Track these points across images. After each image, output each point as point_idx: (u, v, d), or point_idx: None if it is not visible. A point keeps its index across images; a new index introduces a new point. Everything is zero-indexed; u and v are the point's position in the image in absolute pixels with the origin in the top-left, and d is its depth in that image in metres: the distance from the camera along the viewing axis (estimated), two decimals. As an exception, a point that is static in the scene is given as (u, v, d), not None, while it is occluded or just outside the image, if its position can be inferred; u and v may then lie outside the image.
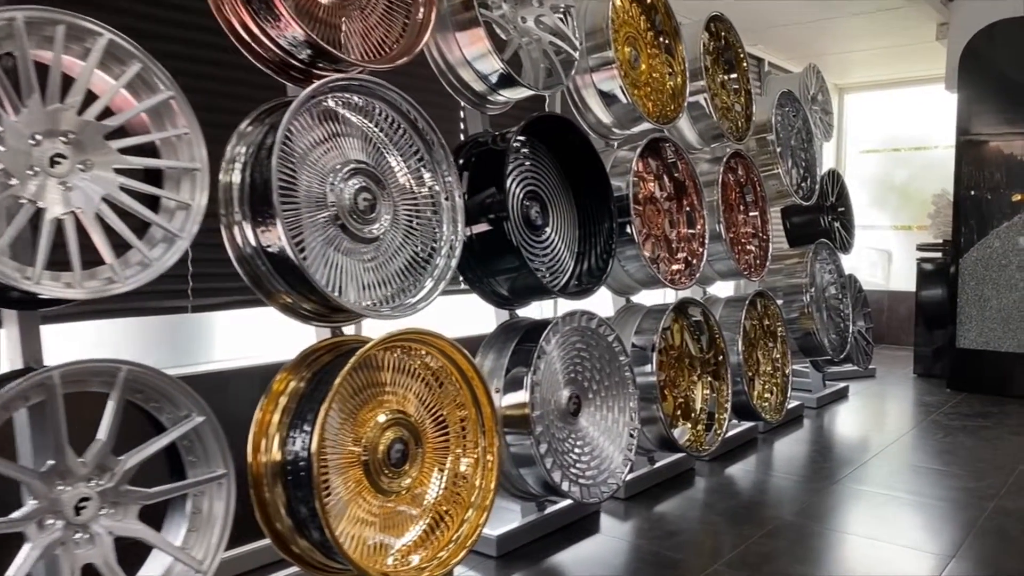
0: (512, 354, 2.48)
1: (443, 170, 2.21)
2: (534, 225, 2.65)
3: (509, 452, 2.42)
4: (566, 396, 2.57)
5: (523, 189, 2.63)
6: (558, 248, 2.74)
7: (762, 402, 3.77)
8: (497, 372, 2.47)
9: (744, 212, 3.86)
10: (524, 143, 2.70)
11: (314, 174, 1.95)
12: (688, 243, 3.37)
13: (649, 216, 3.15)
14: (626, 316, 3.14)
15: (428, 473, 2.12)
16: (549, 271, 2.70)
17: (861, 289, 5.12)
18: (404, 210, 2.16)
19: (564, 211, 2.80)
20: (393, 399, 2.05)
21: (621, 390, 2.75)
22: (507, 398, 2.41)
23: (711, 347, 3.36)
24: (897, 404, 4.89)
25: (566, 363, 2.59)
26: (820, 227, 4.70)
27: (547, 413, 2.47)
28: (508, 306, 2.69)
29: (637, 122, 3.17)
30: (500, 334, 2.61)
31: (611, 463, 2.66)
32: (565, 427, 2.56)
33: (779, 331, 3.89)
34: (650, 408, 2.91)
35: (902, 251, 7.07)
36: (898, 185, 7.26)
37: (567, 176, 2.85)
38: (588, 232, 2.88)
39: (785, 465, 3.51)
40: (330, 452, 1.86)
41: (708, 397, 3.33)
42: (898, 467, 3.43)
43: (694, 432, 3.22)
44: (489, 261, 2.49)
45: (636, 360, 2.95)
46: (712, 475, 3.35)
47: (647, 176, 3.21)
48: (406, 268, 2.17)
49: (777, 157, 3.94)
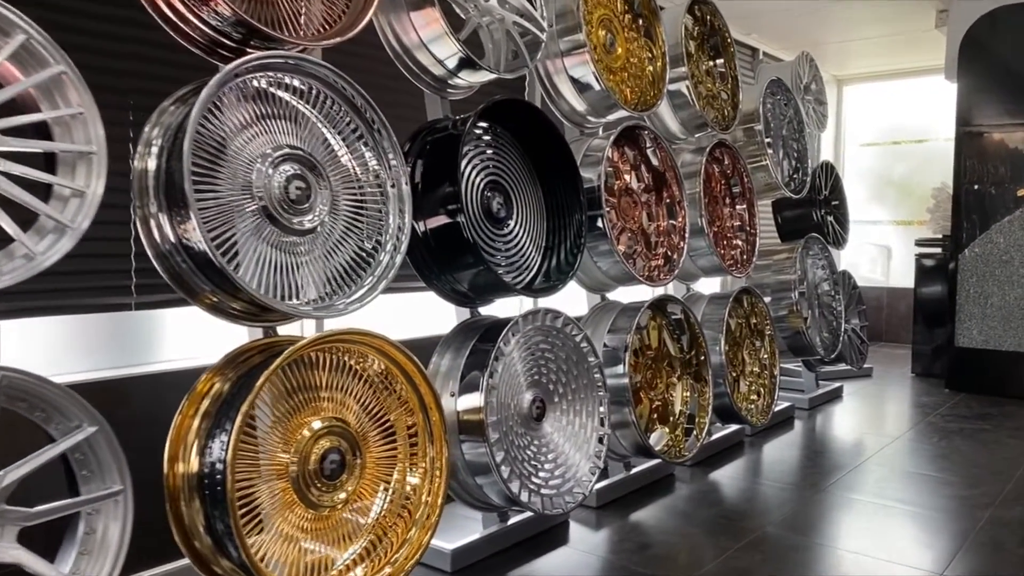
0: (469, 355, 2.31)
1: (388, 155, 2.05)
2: (496, 218, 2.48)
3: (465, 460, 2.26)
4: (528, 400, 2.41)
5: (484, 179, 2.46)
6: (523, 242, 2.57)
7: (748, 404, 3.60)
8: (452, 374, 2.31)
9: (730, 205, 3.69)
10: (487, 130, 2.53)
11: (239, 161, 1.78)
12: (668, 237, 3.20)
13: (625, 209, 2.98)
14: (600, 315, 2.98)
15: (370, 486, 1.95)
16: (512, 267, 2.53)
17: (856, 286, 4.94)
18: (345, 200, 2.00)
19: (531, 203, 2.63)
20: (329, 405, 1.89)
21: (590, 393, 2.58)
22: (463, 402, 2.25)
23: (692, 346, 3.19)
24: (893, 405, 4.71)
25: (529, 365, 2.43)
26: (812, 221, 4.52)
27: (506, 419, 2.30)
28: (469, 304, 2.53)
29: (612, 109, 3.00)
30: (458, 334, 2.45)
31: (577, 471, 2.50)
32: (527, 433, 2.39)
33: (767, 330, 3.72)
34: (623, 412, 2.75)
35: (902, 247, 6.88)
36: (898, 179, 7.08)
37: (536, 166, 2.69)
38: (558, 225, 2.71)
39: (772, 470, 3.34)
40: (252, 462, 1.70)
41: (688, 399, 3.16)
42: (890, 473, 3.25)
43: (673, 437, 3.06)
44: (445, 257, 2.33)
45: (608, 361, 2.79)
46: (693, 481, 3.18)
47: (623, 166, 3.04)
48: (350, 264, 2.01)
49: (765, 147, 3.76)
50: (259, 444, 1.73)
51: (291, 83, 1.91)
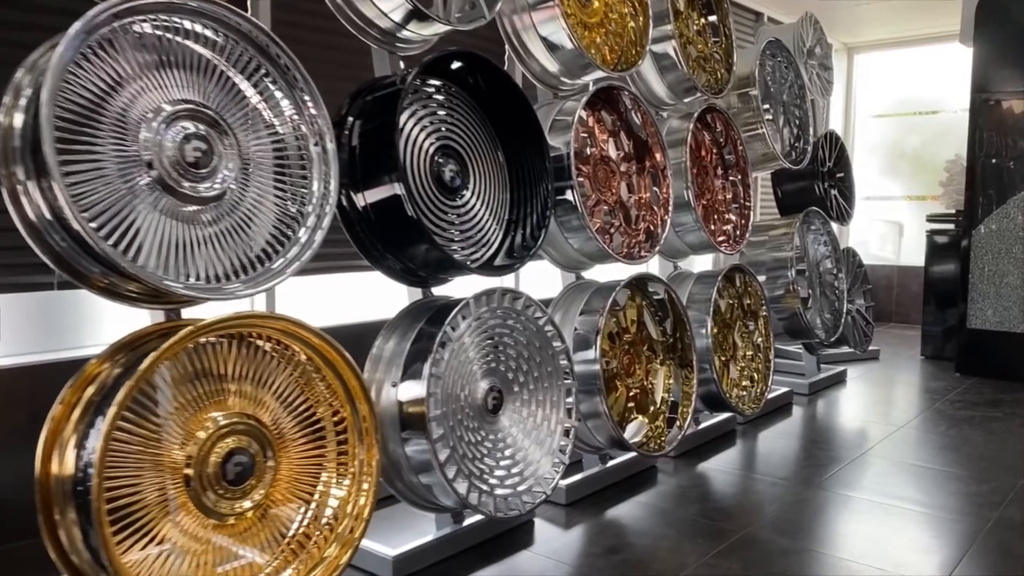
0: (415, 340, 2.07)
1: (309, 108, 1.80)
2: (449, 187, 2.23)
3: (408, 459, 2.02)
4: (483, 390, 2.17)
5: (435, 144, 2.21)
6: (480, 215, 2.32)
7: (740, 391, 3.35)
8: (396, 361, 2.07)
9: (723, 176, 3.42)
10: (440, 89, 2.28)
11: (124, 119, 1.54)
12: (650, 211, 2.93)
13: (601, 179, 2.72)
14: (573, 295, 2.73)
15: (286, 494, 1.72)
16: (469, 243, 2.28)
17: (861, 263, 4.66)
18: (259, 163, 1.75)
19: (491, 171, 2.38)
20: (238, 400, 1.65)
21: (555, 382, 2.34)
22: (405, 393, 2.01)
23: (676, 329, 2.94)
24: (899, 390, 4.45)
25: (484, 351, 2.18)
26: (815, 195, 4.24)
27: (454, 412, 2.06)
28: (421, 284, 2.29)
29: (588, 70, 2.73)
30: (405, 316, 2.21)
31: (538, 468, 2.26)
32: (481, 427, 2.16)
33: (761, 311, 3.46)
34: (594, 401, 2.50)
35: (915, 223, 6.57)
36: (911, 152, 6.75)
37: (499, 131, 2.43)
38: (523, 196, 2.46)
39: (764, 462, 3.10)
40: (135, 464, 1.47)
41: (671, 387, 2.92)
42: (892, 467, 3.00)
43: (653, 427, 2.81)
44: (388, 233, 2.08)
45: (579, 346, 2.54)
46: (678, 473, 2.94)
47: (600, 133, 2.77)
48: (270, 237, 1.77)
49: (761, 114, 3.48)
50: (147, 441, 1.50)
51: (193, 29, 1.66)
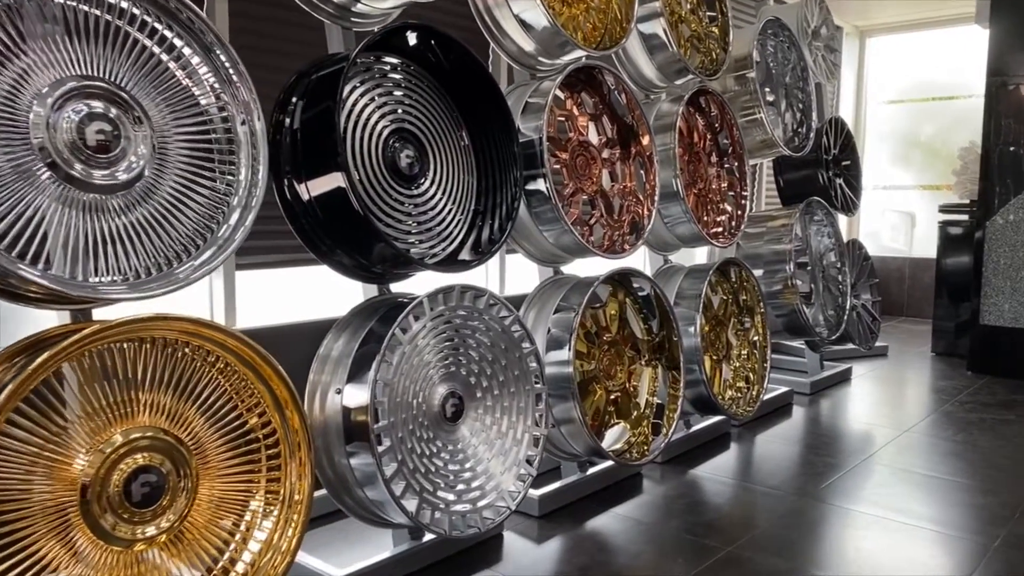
0: (363, 342, 1.90)
1: (235, 83, 1.62)
2: (406, 175, 2.05)
3: (353, 472, 1.85)
4: (440, 397, 1.99)
5: (390, 127, 2.02)
6: (441, 205, 2.13)
7: (734, 392, 3.16)
8: (342, 364, 1.89)
9: (717, 164, 3.21)
10: (398, 67, 2.09)
11: (11, 100, 1.37)
12: (635, 201, 2.74)
13: (580, 166, 2.53)
14: (550, 291, 2.54)
15: (207, 518, 1.55)
16: (428, 236, 2.10)
17: (867, 256, 4.44)
18: (179, 145, 1.57)
19: (455, 157, 2.19)
20: (147, 414, 1.48)
21: (522, 387, 2.16)
22: (350, 400, 1.84)
23: (663, 327, 2.75)
24: (907, 390, 4.23)
25: (442, 354, 2.00)
26: (819, 184, 4.02)
27: (405, 420, 1.88)
28: (377, 280, 2.11)
29: (566, 49, 2.53)
30: (357, 314, 2.03)
31: (502, 482, 2.08)
32: (437, 437, 1.98)
33: (758, 307, 3.26)
34: (567, 407, 2.32)
35: (928, 213, 6.32)
36: (925, 140, 6.49)
37: (465, 113, 2.24)
38: (492, 185, 2.27)
39: (758, 469, 2.90)
40: (21, 477, 1.30)
41: (657, 390, 2.73)
42: (895, 475, 2.80)
43: (635, 433, 2.63)
44: (335, 227, 1.90)
45: (552, 346, 2.36)
46: (665, 481, 2.76)
47: (580, 117, 2.58)
48: (193, 230, 1.59)
49: (759, 97, 3.26)
50: (38, 454, 1.33)
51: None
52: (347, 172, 1.77)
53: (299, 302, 2.88)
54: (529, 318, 2.47)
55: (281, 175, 1.90)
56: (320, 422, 1.89)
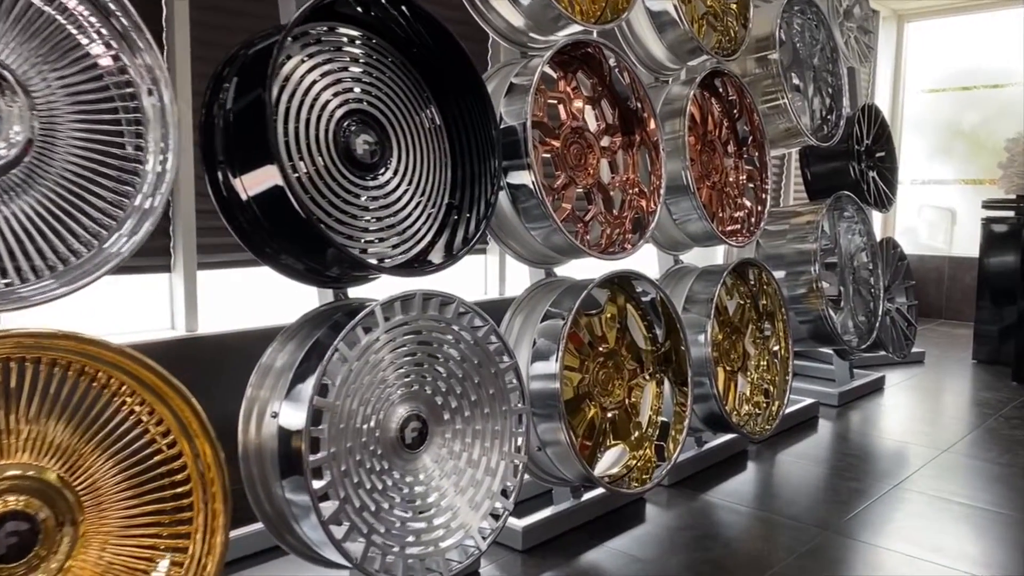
0: (306, 356, 1.64)
1: (138, 48, 1.36)
2: (363, 164, 1.78)
3: (291, 508, 1.59)
4: (399, 420, 1.72)
5: (345, 108, 1.76)
6: (406, 199, 1.86)
7: (752, 408, 2.85)
8: (283, 379, 1.64)
9: (735, 154, 2.91)
10: (356, 41, 1.82)
11: None
12: (638, 194, 2.45)
13: (574, 155, 2.24)
14: (539, 295, 2.26)
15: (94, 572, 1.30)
16: (390, 234, 1.83)
17: (903, 256, 4.08)
18: (70, 124, 1.32)
19: (424, 143, 1.92)
20: (24, 450, 1.23)
21: (498, 407, 1.89)
22: (287, 423, 1.58)
23: (669, 336, 2.46)
24: (946, 402, 3.88)
25: (402, 370, 1.73)
26: (850, 177, 3.68)
27: (353, 450, 1.62)
28: (335, 284, 1.85)
29: (560, 23, 2.25)
30: (307, 322, 1.77)
31: (473, 517, 1.81)
32: (394, 468, 1.71)
33: (780, 313, 2.95)
34: (555, 429, 2.05)
35: (969, 209, 5.93)
36: (968, 131, 6.08)
37: (438, 93, 1.97)
38: (470, 175, 2.00)
39: (776, 495, 2.61)
40: None
41: (661, 406, 2.44)
42: (930, 505, 2.48)
43: (636, 456, 2.34)
44: (277, 227, 1.65)
45: (538, 358, 2.08)
46: (671, 508, 2.47)
47: (575, 99, 2.29)
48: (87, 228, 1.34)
49: (781, 80, 2.95)
50: None
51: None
52: (282, 166, 1.51)
53: (279, 303, 2.63)
54: (515, 326, 2.20)
55: (215, 166, 1.65)
56: (255, 447, 1.64)
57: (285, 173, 1.51)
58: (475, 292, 3.34)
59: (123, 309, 2.37)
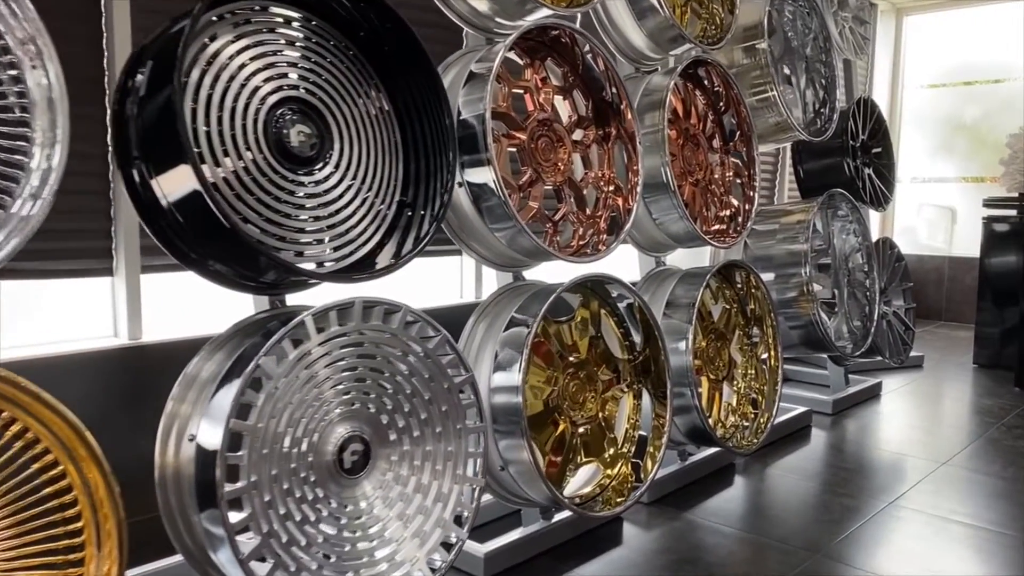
0: (229, 371, 1.47)
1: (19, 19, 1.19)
2: (300, 158, 1.61)
3: (211, 540, 1.42)
4: (337, 442, 1.55)
5: (278, 96, 1.59)
6: (349, 197, 1.69)
7: (738, 419, 2.68)
8: (205, 395, 1.47)
9: (721, 150, 2.74)
10: (293, 22, 1.65)
11: None
12: (613, 192, 2.28)
13: (542, 150, 2.07)
14: (506, 301, 2.09)
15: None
16: (332, 236, 1.66)
17: (900, 257, 3.91)
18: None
19: (372, 137, 1.75)
20: None
21: (451, 425, 1.72)
22: (204, 449, 1.41)
23: (647, 344, 2.29)
24: (945, 410, 3.71)
25: (341, 387, 1.56)
26: (845, 174, 3.51)
27: (279, 476, 1.45)
28: (270, 291, 1.68)
29: (527, 7, 2.08)
30: (238, 332, 1.60)
31: (421, 548, 1.64)
32: (330, 496, 1.54)
33: (768, 318, 2.78)
34: (518, 446, 1.88)
35: (970, 208, 5.76)
36: (968, 127, 5.91)
37: (389, 81, 1.80)
38: (424, 170, 1.83)
39: (764, 514, 2.44)
40: None
41: (638, 419, 2.27)
42: (928, 525, 2.32)
43: (609, 475, 2.17)
44: (197, 230, 1.48)
45: (500, 369, 1.91)
46: (650, 528, 2.30)
47: (543, 88, 2.12)
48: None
49: (771, 71, 2.77)
50: None
51: None
52: (196, 167, 1.34)
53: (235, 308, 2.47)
54: (477, 334, 2.03)
55: (130, 163, 1.48)
56: (173, 472, 1.47)
57: (200, 175, 1.34)
58: (450, 295, 3.17)
59: (68, 315, 2.21)
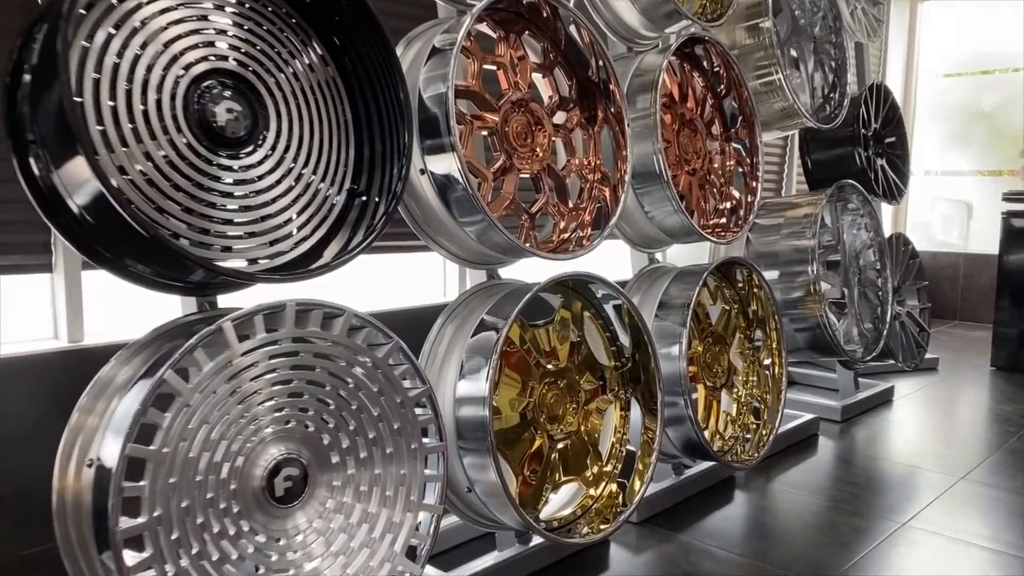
0: (137, 384, 1.26)
1: None
2: (228, 140, 1.41)
3: (112, 584, 1.22)
4: (265, 467, 1.34)
5: (203, 67, 1.38)
6: (287, 184, 1.48)
7: (737, 431, 2.47)
8: (110, 412, 1.26)
9: (722, 137, 2.52)
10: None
11: None
12: (600, 181, 2.06)
13: (517, 134, 1.86)
14: (477, 302, 1.88)
15: None
16: (265, 228, 1.46)
17: (915, 254, 3.68)
18: None
19: (315, 117, 1.54)
20: None
21: (404, 444, 1.51)
22: (104, 476, 1.21)
23: (636, 349, 2.08)
24: (961, 417, 3.49)
25: (272, 403, 1.36)
26: (856, 165, 3.28)
27: (191, 509, 1.24)
28: (197, 292, 1.48)
29: (501, -26, 1.86)
30: (155, 339, 1.40)
31: (364, 586, 1.44)
32: (256, 530, 1.34)
33: (772, 321, 2.56)
34: (485, 464, 1.67)
35: (987, 202, 5.52)
36: (986, 119, 5.66)
37: (338, 55, 1.60)
38: (380, 154, 1.62)
39: (764, 536, 2.23)
40: None
41: (626, 433, 2.06)
42: (947, 550, 2.10)
43: (592, 496, 1.96)
44: (103, 227, 1.28)
45: (466, 379, 1.70)
46: (639, 552, 2.10)
47: (519, 65, 1.91)
48: None
49: (776, 52, 2.55)
50: None
51: None
52: (89, 156, 1.13)
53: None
54: (444, 339, 1.82)
55: (25, 148, 1.28)
56: (73, 499, 1.27)
57: (95, 165, 1.14)
58: (433, 294, 2.97)
59: (3, 315, 2.01)
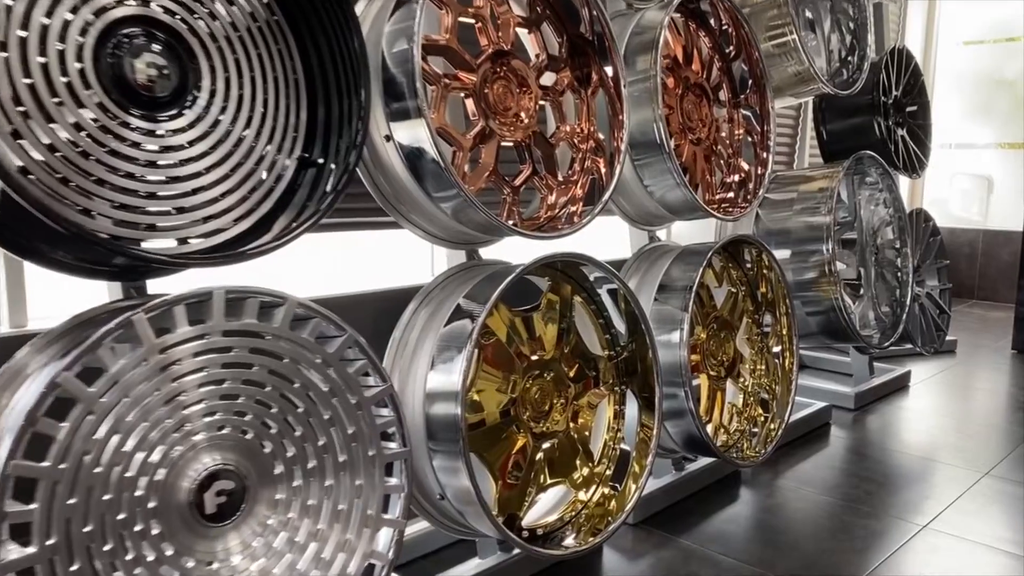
0: (48, 386, 1.08)
1: None
2: (150, 101, 1.21)
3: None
4: (193, 481, 1.16)
5: (120, 13, 1.18)
6: (221, 153, 1.29)
7: (743, 424, 2.28)
8: (16, 412, 1.08)
9: (730, 104, 2.30)
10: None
11: None
12: (594, 151, 1.86)
13: (497, 96, 1.65)
14: (455, 285, 1.69)
15: None
16: (196, 204, 1.26)
17: (936, 231, 3.46)
18: None
19: (258, 74, 1.34)
20: None
21: (360, 451, 1.32)
22: None
23: (633, 337, 1.88)
24: (981, 405, 3.28)
25: (201, 406, 1.17)
26: (875, 136, 3.05)
27: (96, 534, 1.06)
28: (126, 277, 1.29)
29: (482, -85, 1.65)
30: (74, 328, 1.21)
31: (312, 615, 1.26)
32: (186, 552, 1.16)
33: (783, 305, 2.36)
34: (457, 468, 1.48)
35: (1008, 177, 5.28)
36: (1009, 89, 5.39)
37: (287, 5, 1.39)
38: (337, 117, 1.42)
39: (771, 539, 2.04)
40: None
41: (620, 429, 1.87)
42: (969, 556, 1.91)
43: (581, 502, 1.78)
44: (6, 207, 1.08)
45: (438, 371, 1.51)
46: (634, 559, 1.92)
47: (501, 18, 1.70)
48: None
49: (790, 11, 2.33)
50: None
51: None
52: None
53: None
54: (416, 326, 1.63)
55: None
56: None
57: None
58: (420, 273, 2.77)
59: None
